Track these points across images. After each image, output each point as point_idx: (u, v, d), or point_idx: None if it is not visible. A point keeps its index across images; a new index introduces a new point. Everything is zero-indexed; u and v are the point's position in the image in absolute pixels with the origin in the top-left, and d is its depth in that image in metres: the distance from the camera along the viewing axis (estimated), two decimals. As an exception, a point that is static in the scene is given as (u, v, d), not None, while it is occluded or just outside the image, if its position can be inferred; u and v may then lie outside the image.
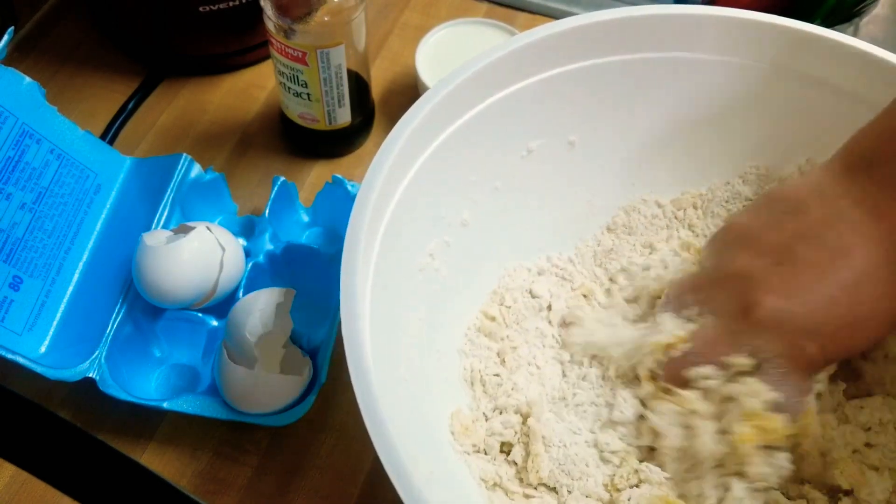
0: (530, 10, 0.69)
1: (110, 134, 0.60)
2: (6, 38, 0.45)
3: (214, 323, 0.49)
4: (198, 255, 0.46)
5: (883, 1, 0.65)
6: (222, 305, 0.49)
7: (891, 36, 0.65)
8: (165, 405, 0.45)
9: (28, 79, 0.47)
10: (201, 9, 0.58)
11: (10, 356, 0.43)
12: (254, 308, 0.47)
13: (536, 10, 0.69)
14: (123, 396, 0.44)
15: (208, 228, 0.47)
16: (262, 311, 0.47)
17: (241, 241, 0.51)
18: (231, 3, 0.58)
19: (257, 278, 0.50)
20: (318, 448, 0.47)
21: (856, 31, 0.63)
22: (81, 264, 0.49)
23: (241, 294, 0.49)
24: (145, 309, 0.48)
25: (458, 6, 0.69)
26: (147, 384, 0.48)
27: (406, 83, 0.64)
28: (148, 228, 0.50)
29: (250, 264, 0.50)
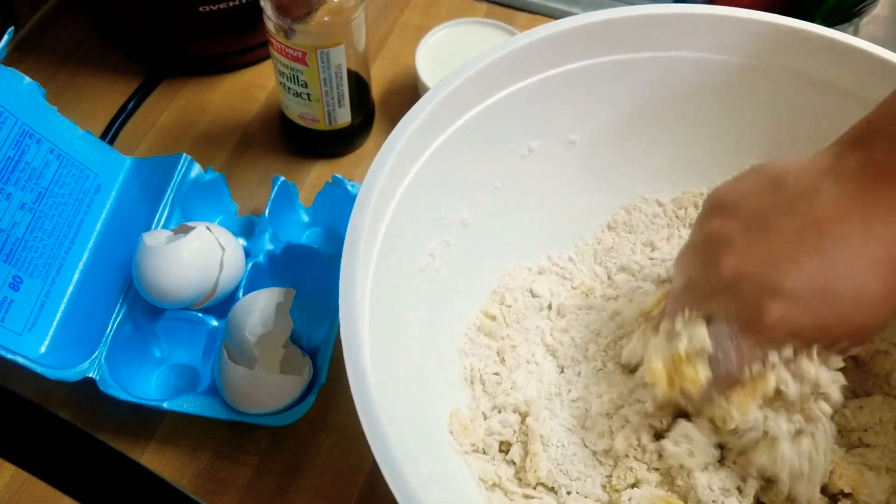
0: (530, 10, 0.69)
1: (110, 134, 0.60)
2: (6, 38, 0.45)
3: (214, 323, 0.49)
4: (198, 255, 0.46)
5: (883, 1, 0.65)
6: (222, 305, 0.49)
7: (891, 36, 0.65)
8: (165, 405, 0.45)
9: (28, 79, 0.47)
10: (201, 9, 0.58)
11: (10, 356, 0.43)
12: (254, 308, 0.47)
13: (536, 10, 0.69)
14: (123, 396, 0.45)
15: (208, 228, 0.47)
16: (262, 311, 0.47)
17: (241, 241, 0.51)
18: (231, 3, 0.58)
19: (257, 278, 0.50)
20: (318, 448, 0.47)
21: (856, 31, 0.63)
22: (81, 264, 0.49)
23: (241, 294, 0.49)
24: (145, 309, 0.48)
25: (458, 6, 0.69)
26: (147, 384, 0.48)
27: (406, 83, 0.64)
28: (148, 228, 0.50)
29: (250, 264, 0.50)
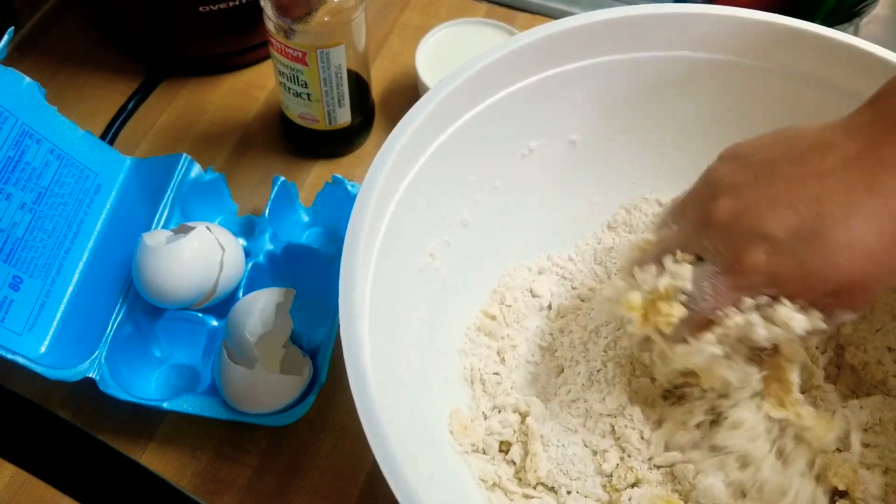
0: (530, 10, 0.69)
1: (110, 134, 0.60)
2: (6, 38, 0.45)
3: (214, 323, 0.49)
4: (198, 255, 0.46)
5: (883, 1, 0.65)
6: (222, 305, 0.49)
7: (891, 36, 0.65)
8: (165, 405, 0.45)
9: (28, 79, 0.47)
10: (201, 9, 0.58)
11: (10, 356, 0.43)
12: (254, 308, 0.47)
13: (536, 10, 0.69)
14: (123, 396, 0.45)
15: (208, 228, 0.47)
16: (262, 311, 0.47)
17: (241, 241, 0.51)
18: (231, 3, 0.58)
19: (257, 278, 0.50)
20: (318, 448, 0.47)
21: (856, 31, 0.63)
22: (81, 264, 0.49)
23: (241, 294, 0.49)
24: (145, 309, 0.48)
25: (458, 6, 0.69)
26: (147, 384, 0.48)
27: (406, 83, 0.64)
28: (148, 228, 0.50)
29: (250, 264, 0.50)
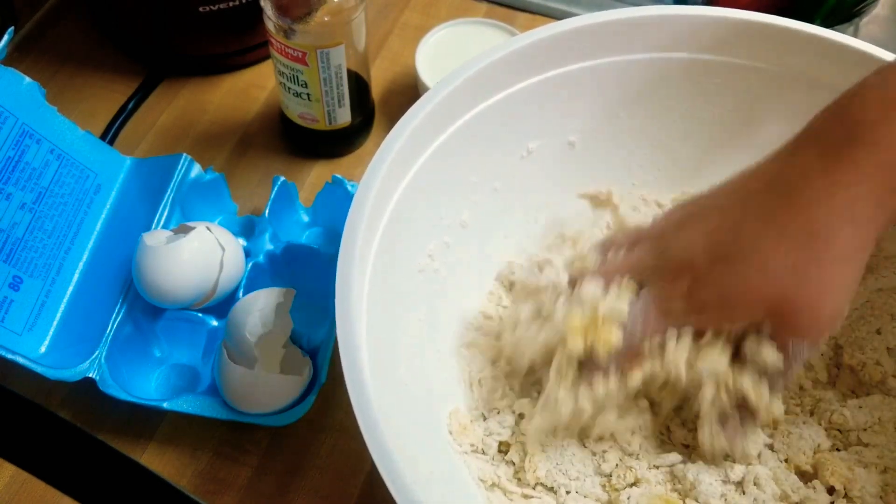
0: (530, 10, 0.69)
1: (110, 134, 0.60)
2: (6, 38, 0.45)
3: (214, 323, 0.49)
4: (198, 255, 0.46)
5: (883, 1, 0.65)
6: (222, 305, 0.49)
7: (891, 36, 0.65)
8: (165, 405, 0.45)
9: (28, 79, 0.47)
10: (201, 9, 0.58)
11: (10, 356, 0.43)
12: (254, 308, 0.47)
13: (536, 10, 0.69)
14: (123, 396, 0.45)
15: (208, 228, 0.47)
16: (262, 311, 0.47)
17: (241, 241, 0.51)
18: (231, 3, 0.58)
19: (257, 278, 0.50)
20: (318, 448, 0.47)
21: (856, 31, 0.63)
22: (81, 264, 0.49)
23: (241, 294, 0.49)
24: (145, 309, 0.48)
25: (458, 6, 0.69)
26: (147, 384, 0.48)
27: (406, 83, 0.64)
28: (148, 228, 0.50)
29: (250, 264, 0.50)
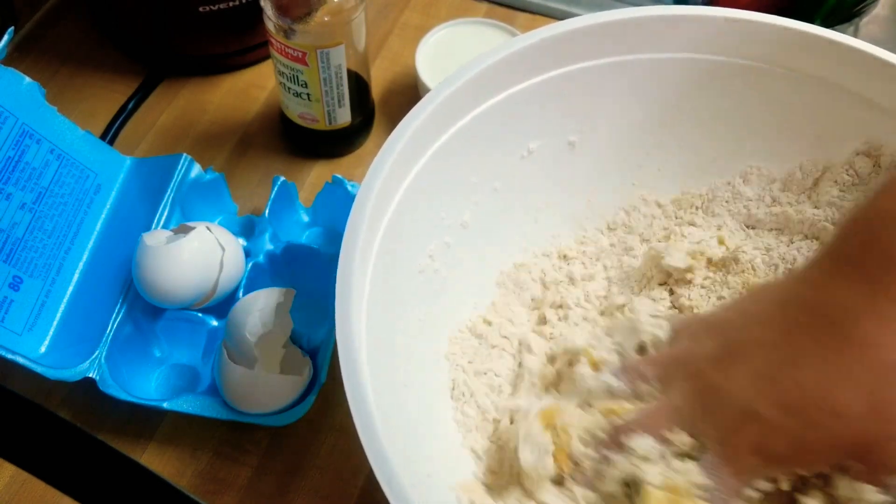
0: (530, 10, 0.69)
1: (110, 134, 0.60)
2: (6, 38, 0.45)
3: (214, 323, 0.49)
4: (198, 255, 0.46)
5: (883, 1, 0.65)
6: (222, 305, 0.49)
7: (891, 36, 0.65)
8: (165, 405, 0.45)
9: (28, 79, 0.47)
10: (201, 9, 0.58)
11: (10, 356, 0.43)
12: (254, 308, 0.47)
13: (536, 10, 0.69)
14: (123, 396, 0.45)
15: (208, 228, 0.47)
16: (262, 311, 0.47)
17: (241, 241, 0.51)
18: (231, 3, 0.58)
19: (257, 278, 0.50)
20: (318, 448, 0.47)
21: (856, 31, 0.63)
22: (81, 264, 0.49)
23: (241, 294, 0.49)
24: (145, 309, 0.48)
25: (458, 6, 0.69)
26: (147, 384, 0.48)
27: (406, 83, 0.64)
28: (148, 228, 0.50)
29: (250, 264, 0.50)
